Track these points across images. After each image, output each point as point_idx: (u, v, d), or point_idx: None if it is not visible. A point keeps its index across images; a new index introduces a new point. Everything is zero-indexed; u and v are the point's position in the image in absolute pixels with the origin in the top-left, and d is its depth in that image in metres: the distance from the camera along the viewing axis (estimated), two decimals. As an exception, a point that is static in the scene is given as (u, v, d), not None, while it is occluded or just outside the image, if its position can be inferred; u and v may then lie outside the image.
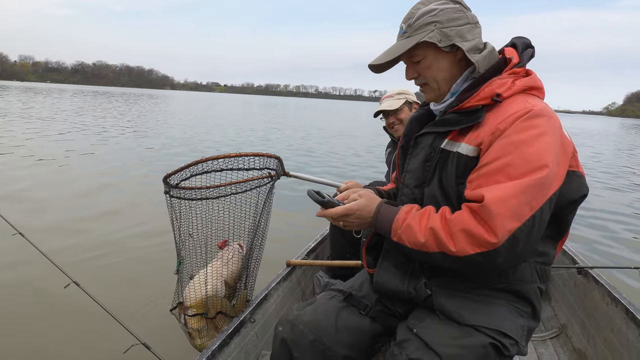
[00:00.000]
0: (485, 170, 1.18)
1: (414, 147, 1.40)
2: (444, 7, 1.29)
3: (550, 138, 1.16)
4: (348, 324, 1.44)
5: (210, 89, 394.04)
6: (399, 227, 1.26)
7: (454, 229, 1.16)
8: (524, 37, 1.39)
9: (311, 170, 9.12)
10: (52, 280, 2.47)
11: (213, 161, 1.88)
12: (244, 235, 2.12)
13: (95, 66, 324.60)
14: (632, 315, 1.95)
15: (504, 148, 1.16)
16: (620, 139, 30.24)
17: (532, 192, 1.12)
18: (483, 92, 1.25)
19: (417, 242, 1.22)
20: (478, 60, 1.28)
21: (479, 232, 1.12)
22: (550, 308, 2.78)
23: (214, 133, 16.57)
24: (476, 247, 1.13)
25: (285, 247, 3.96)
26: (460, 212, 1.18)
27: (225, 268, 2.09)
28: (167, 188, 1.89)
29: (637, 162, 15.76)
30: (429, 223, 1.21)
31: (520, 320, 1.28)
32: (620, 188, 9.52)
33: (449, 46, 1.29)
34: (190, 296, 2.02)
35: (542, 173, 1.13)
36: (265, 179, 2.00)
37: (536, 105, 1.20)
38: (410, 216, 1.26)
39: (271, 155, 1.99)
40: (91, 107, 27.80)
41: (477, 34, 1.32)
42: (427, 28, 1.28)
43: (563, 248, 2.90)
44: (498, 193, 1.12)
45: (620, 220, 6.59)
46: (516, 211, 1.11)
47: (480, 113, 1.24)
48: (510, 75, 1.27)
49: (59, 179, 6.96)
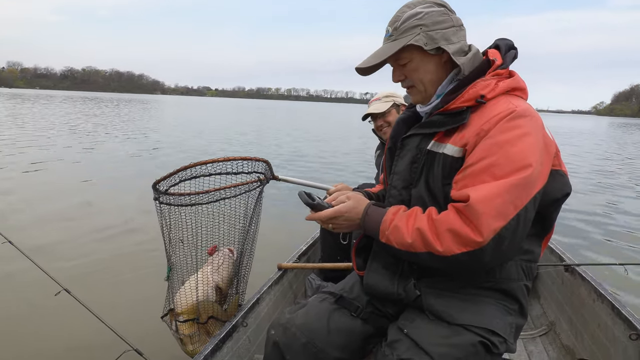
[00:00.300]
0: (471, 170, 1.19)
1: (401, 149, 1.42)
2: (429, 11, 1.30)
3: (533, 138, 1.18)
4: (340, 325, 1.45)
5: (202, 93, 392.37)
6: (386, 228, 1.28)
7: (440, 229, 1.18)
8: (506, 38, 1.41)
9: (301, 173, 9.14)
10: (42, 288, 2.46)
11: (202, 166, 1.88)
12: (234, 240, 2.11)
13: (84, 72, 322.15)
14: (617, 311, 1.98)
15: (488, 148, 1.18)
16: (610, 138, 30.58)
17: (516, 192, 1.14)
18: (467, 94, 1.26)
19: (405, 242, 1.23)
20: (464, 62, 1.30)
21: (464, 232, 1.14)
22: (539, 306, 2.82)
23: (202, 138, 16.53)
24: (462, 246, 1.15)
25: (277, 251, 3.97)
26: (446, 212, 1.20)
27: (216, 274, 2.09)
28: (157, 194, 1.89)
29: (622, 160, 15.96)
30: (416, 223, 1.23)
31: (509, 317, 1.30)
32: (608, 186, 9.64)
33: (435, 49, 1.30)
34: (182, 302, 2.02)
35: (527, 172, 1.14)
36: (254, 183, 2.00)
37: (519, 106, 1.22)
38: (398, 217, 1.28)
39: (259, 159, 2.00)
40: (80, 114, 27.53)
41: (461, 36, 1.34)
42: (413, 31, 1.30)
43: (550, 246, 2.94)
44: (483, 193, 1.14)
45: (604, 217, 6.68)
46: (501, 210, 1.13)
47: (465, 114, 1.26)
48: (493, 76, 1.29)
49: (46, 187, 6.91)
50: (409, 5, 1.33)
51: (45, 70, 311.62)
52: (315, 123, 32.75)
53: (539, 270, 2.93)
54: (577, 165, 12.88)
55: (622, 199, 8.25)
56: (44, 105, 37.09)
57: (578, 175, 10.83)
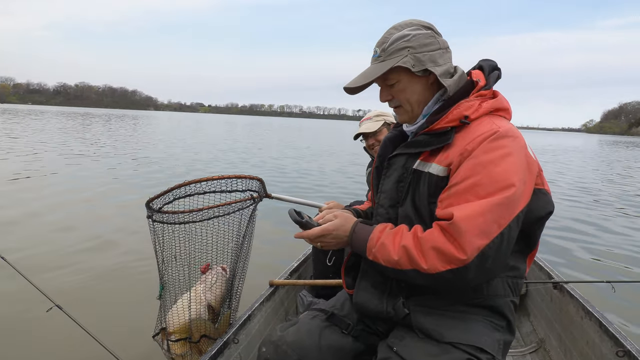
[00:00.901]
0: (455, 189, 1.22)
1: (388, 168, 1.45)
2: (416, 33, 1.34)
3: (516, 158, 1.21)
4: (331, 343, 1.46)
5: (194, 109, 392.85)
6: (373, 245, 1.30)
7: (424, 247, 1.20)
8: (490, 59, 1.45)
9: (295, 190, 9.14)
10: (34, 303, 2.43)
11: (196, 184, 1.89)
12: (227, 258, 2.11)
13: (77, 87, 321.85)
14: (605, 329, 2.01)
15: (472, 168, 1.21)
16: (599, 156, 30.95)
17: (499, 211, 1.17)
18: (452, 115, 1.30)
19: (391, 259, 1.25)
20: (450, 84, 1.34)
21: (448, 249, 1.16)
22: (529, 323, 2.84)
23: (193, 153, 16.50)
24: (446, 264, 1.17)
25: (268, 267, 3.97)
26: (431, 230, 1.22)
27: (209, 292, 2.08)
28: (150, 212, 1.89)
29: (611, 177, 16.15)
30: (402, 241, 1.25)
31: (496, 334, 1.32)
32: (596, 203, 9.74)
33: (422, 71, 1.34)
34: (174, 321, 2.01)
35: (509, 192, 1.17)
36: (248, 201, 2.01)
37: (502, 127, 1.25)
38: (384, 235, 1.30)
39: (253, 177, 2.01)
40: (71, 130, 27.41)
41: (447, 58, 1.37)
42: (401, 53, 1.33)
43: (539, 263, 2.98)
44: (467, 211, 1.16)
45: (591, 235, 6.72)
46: (484, 229, 1.15)
47: (450, 134, 1.29)
48: (477, 97, 1.33)
49: (38, 202, 6.82)
50: (397, 27, 1.37)
51: (38, 85, 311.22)
52: (309, 139, 32.79)
53: (528, 287, 2.96)
54: (567, 183, 13.02)
55: (610, 217, 8.33)
56: (34, 120, 36.88)
57: (565, 192, 10.96)
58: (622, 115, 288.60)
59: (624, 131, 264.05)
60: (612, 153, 35.24)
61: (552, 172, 15.98)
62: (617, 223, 7.69)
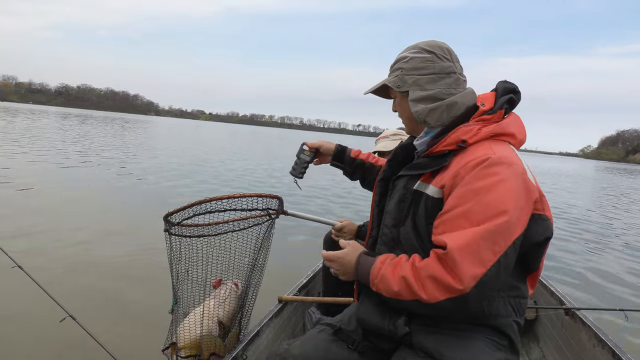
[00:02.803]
0: (448, 216, 1.23)
1: (392, 190, 1.48)
2: (413, 56, 1.42)
3: (510, 184, 1.21)
4: (337, 357, 1.46)
5: (195, 116, 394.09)
6: (375, 277, 1.32)
7: (422, 277, 1.21)
8: (508, 82, 1.45)
9: (310, 204, 9.06)
10: (48, 313, 2.37)
11: (217, 201, 1.90)
12: (241, 273, 2.10)
13: (79, 89, 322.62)
14: (618, 357, 1.98)
15: (463, 195, 1.21)
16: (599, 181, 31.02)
17: (493, 238, 1.16)
18: (449, 139, 1.32)
19: (392, 291, 1.27)
20: (418, 110, 1.39)
21: (445, 279, 1.17)
22: (539, 349, 2.80)
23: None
24: (445, 293, 1.17)
25: (277, 282, 3.91)
26: (428, 260, 1.23)
27: (220, 308, 2.06)
28: (168, 226, 1.88)
29: (614, 202, 16.21)
30: (401, 272, 1.26)
31: (498, 353, 1.30)
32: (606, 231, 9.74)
33: (406, 91, 1.42)
34: (184, 336, 1.98)
35: (502, 219, 1.17)
36: (265, 217, 2.01)
37: (497, 152, 1.25)
38: (385, 266, 1.31)
39: (273, 196, 2.03)
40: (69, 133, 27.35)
41: (443, 84, 1.39)
42: (395, 73, 1.45)
43: (550, 289, 2.95)
44: (460, 241, 1.16)
45: (605, 263, 6.69)
46: (480, 257, 1.15)
47: (447, 157, 1.32)
48: (477, 122, 1.33)
49: (53, 213, 6.55)
50: (407, 48, 1.46)
51: (39, 85, 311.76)
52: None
53: (539, 313, 2.93)
54: (573, 207, 13.03)
55: (622, 243, 8.31)
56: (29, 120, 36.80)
57: (571, 218, 10.98)
58: (620, 142, 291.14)
59: (621, 158, 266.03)
60: (620, 180, 35.30)
61: (557, 197, 15.97)
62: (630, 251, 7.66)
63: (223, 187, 10.51)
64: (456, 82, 1.40)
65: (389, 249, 1.43)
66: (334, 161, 2.06)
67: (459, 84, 1.41)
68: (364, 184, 2.08)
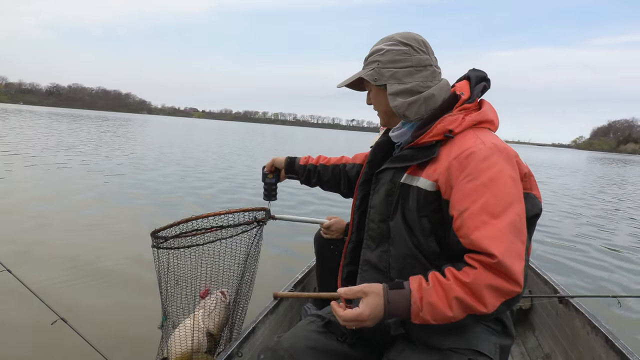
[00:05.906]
0: (468, 214, 1.20)
1: (376, 183, 1.46)
2: (390, 49, 1.40)
3: (509, 171, 1.24)
4: (327, 348, 1.46)
5: (188, 114, 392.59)
6: (419, 309, 1.21)
7: (478, 291, 1.16)
8: (479, 70, 1.47)
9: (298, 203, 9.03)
10: (38, 316, 2.34)
11: (203, 219, 1.88)
12: (229, 282, 2.07)
13: (70, 89, 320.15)
14: (611, 344, 2.00)
15: (475, 190, 1.21)
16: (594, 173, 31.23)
17: (516, 229, 1.19)
18: (436, 129, 1.32)
19: (445, 317, 1.19)
20: (396, 105, 1.38)
21: (503, 286, 1.15)
22: (535, 338, 2.82)
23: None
24: (501, 297, 1.17)
25: (272, 279, 3.90)
26: (475, 272, 1.17)
27: (207, 318, 2.03)
28: (155, 242, 1.86)
29: (609, 192, 16.32)
30: (451, 294, 1.18)
31: (493, 338, 1.33)
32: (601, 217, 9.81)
33: (383, 85, 1.40)
34: (175, 350, 1.95)
35: (517, 206, 1.21)
36: (252, 224, 2.00)
37: (486, 142, 1.26)
38: (426, 294, 1.21)
39: (260, 209, 2.02)
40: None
41: (420, 77, 1.39)
42: (371, 66, 1.43)
43: (544, 277, 2.96)
44: (501, 245, 1.15)
45: (600, 251, 6.76)
46: (517, 253, 1.18)
47: (435, 148, 1.32)
48: (460, 111, 1.35)
49: (45, 217, 6.34)
50: (381, 40, 1.45)
51: (30, 85, 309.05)
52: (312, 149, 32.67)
53: (534, 302, 2.95)
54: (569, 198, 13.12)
55: (617, 231, 8.38)
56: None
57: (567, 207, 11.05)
58: (611, 132, 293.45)
59: (612, 148, 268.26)
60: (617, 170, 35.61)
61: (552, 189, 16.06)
62: (624, 238, 7.73)
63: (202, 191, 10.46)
64: (432, 75, 1.41)
65: (376, 244, 1.41)
66: (287, 174, 2.09)
67: (435, 76, 1.42)
68: (324, 186, 2.06)
